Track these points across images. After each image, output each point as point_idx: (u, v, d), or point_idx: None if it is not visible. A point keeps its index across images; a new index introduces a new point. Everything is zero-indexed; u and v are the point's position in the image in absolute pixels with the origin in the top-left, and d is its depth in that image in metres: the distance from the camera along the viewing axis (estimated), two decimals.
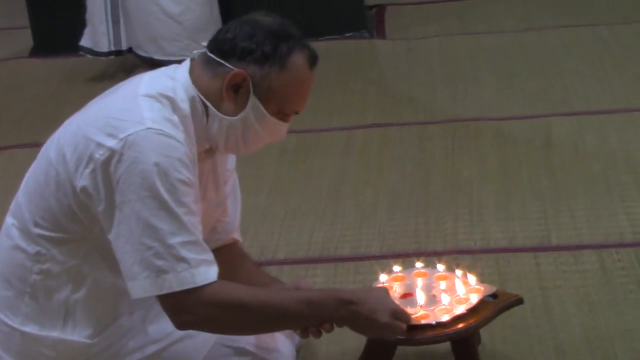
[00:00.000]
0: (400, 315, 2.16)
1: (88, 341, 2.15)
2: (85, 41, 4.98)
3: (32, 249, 2.13)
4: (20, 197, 2.18)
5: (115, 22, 4.90)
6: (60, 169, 2.06)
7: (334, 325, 2.14)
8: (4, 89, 5.09)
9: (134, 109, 2.02)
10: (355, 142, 4.08)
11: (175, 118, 2.04)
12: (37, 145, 2.20)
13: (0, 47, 5.75)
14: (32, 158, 2.20)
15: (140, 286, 1.99)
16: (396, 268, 2.45)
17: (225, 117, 2.11)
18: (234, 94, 2.09)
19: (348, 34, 5.44)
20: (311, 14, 5.32)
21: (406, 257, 2.51)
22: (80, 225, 2.08)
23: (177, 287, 1.98)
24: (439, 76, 4.82)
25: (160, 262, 1.97)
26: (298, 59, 2.09)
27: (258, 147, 2.19)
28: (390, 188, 3.64)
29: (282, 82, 2.08)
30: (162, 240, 1.96)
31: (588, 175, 3.60)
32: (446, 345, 2.42)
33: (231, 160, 2.37)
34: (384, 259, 2.96)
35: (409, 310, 2.22)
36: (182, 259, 1.97)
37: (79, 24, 5.06)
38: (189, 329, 2.08)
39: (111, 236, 2.01)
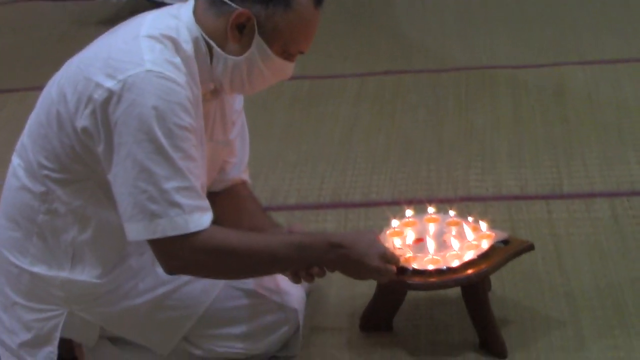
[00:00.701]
0: (389, 258, 2.16)
1: (97, 281, 2.16)
2: None
3: (38, 189, 2.13)
4: (25, 138, 2.17)
5: None
6: (61, 109, 2.05)
7: (325, 269, 2.14)
8: (13, 31, 5.08)
9: (135, 50, 2.00)
10: (368, 89, 4.06)
11: (177, 60, 2.02)
12: None
13: None
14: None
15: (135, 229, 1.99)
16: (408, 212, 2.44)
17: (230, 57, 2.09)
18: (238, 34, 2.07)
19: None
20: None
21: (418, 204, 2.50)
22: (83, 165, 2.07)
23: (169, 232, 1.98)
24: (453, 24, 4.78)
25: (153, 207, 1.96)
26: None
27: (263, 87, 2.18)
28: (403, 135, 3.62)
29: (286, 21, 2.06)
30: (157, 184, 1.96)
31: (601, 123, 3.59)
32: (456, 291, 2.43)
33: (239, 101, 2.36)
34: (395, 205, 2.96)
35: (399, 252, 2.22)
36: (175, 204, 1.97)
37: None
38: (179, 274, 2.09)
39: (110, 177, 2.01)
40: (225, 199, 2.37)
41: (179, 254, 2.01)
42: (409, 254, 2.25)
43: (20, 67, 4.54)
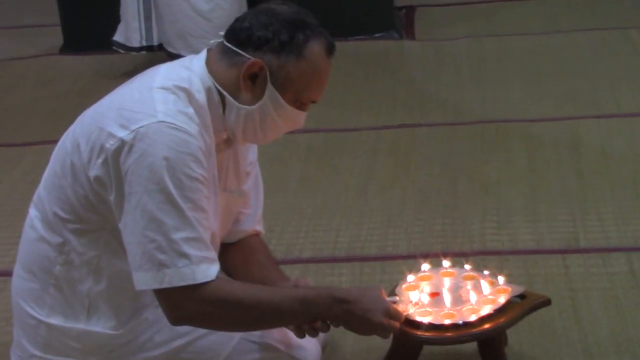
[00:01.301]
0: (393, 314, 2.16)
1: (112, 332, 2.16)
2: (118, 36, 5.01)
3: (55, 240, 2.14)
4: (41, 190, 2.19)
5: (147, 18, 4.92)
6: (75, 160, 2.08)
7: (329, 324, 2.14)
8: (34, 85, 5.12)
9: (148, 101, 2.03)
10: (384, 142, 4.07)
11: (190, 110, 2.04)
12: None
13: (31, 44, 5.78)
14: None
15: (142, 278, 2.00)
16: (424, 266, 2.44)
17: (243, 106, 2.10)
18: (251, 84, 2.09)
19: (377, 35, 5.43)
20: (341, 15, 5.32)
21: (433, 258, 2.49)
22: (97, 215, 2.09)
23: (176, 283, 1.98)
24: (468, 77, 4.80)
25: (161, 256, 1.97)
26: (315, 48, 2.09)
27: (276, 136, 2.19)
28: (418, 188, 3.63)
29: (299, 71, 2.08)
30: (166, 234, 1.97)
31: (616, 177, 3.58)
32: (473, 346, 2.41)
33: (253, 152, 2.37)
34: (411, 258, 2.95)
35: (402, 308, 2.22)
36: (183, 255, 1.98)
37: (108, 21, 5.09)
38: (184, 324, 2.08)
39: (120, 225, 2.03)
40: (236, 251, 2.38)
41: (184, 304, 2.01)
42: (412, 311, 2.25)
43: (40, 120, 4.58)
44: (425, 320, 2.24)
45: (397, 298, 2.28)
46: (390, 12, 5.52)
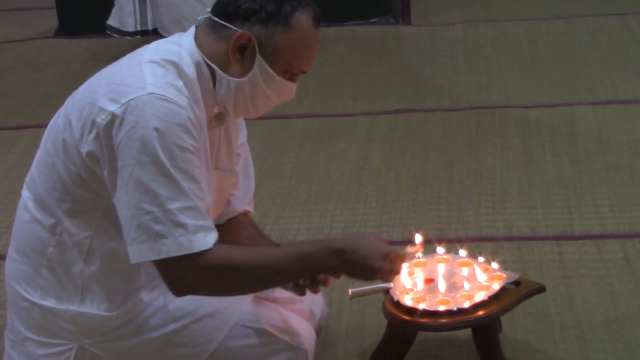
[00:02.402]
0: (393, 257, 2.17)
1: (107, 314, 2.15)
2: (112, 20, 4.99)
3: (47, 221, 2.14)
4: (33, 170, 2.19)
5: (142, 2, 4.91)
6: (67, 137, 2.08)
7: (330, 277, 2.14)
8: (29, 68, 5.11)
9: (137, 75, 2.04)
10: (379, 127, 4.06)
11: (179, 83, 2.04)
12: None
13: (26, 27, 5.76)
14: None
15: (138, 250, 1.99)
16: (419, 253, 2.43)
17: (233, 79, 2.11)
18: (240, 56, 2.09)
19: (373, 20, 5.42)
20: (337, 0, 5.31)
21: (428, 244, 2.49)
22: (90, 193, 2.09)
23: (174, 253, 1.98)
24: (464, 63, 4.80)
25: (158, 227, 1.97)
26: (302, 18, 2.09)
27: (267, 108, 2.20)
28: (413, 174, 3.62)
29: (287, 41, 2.09)
30: (161, 205, 1.97)
31: (612, 164, 3.58)
32: (467, 332, 2.42)
33: (242, 134, 2.38)
34: (405, 244, 2.95)
35: (402, 252, 2.23)
36: (180, 224, 1.98)
37: (103, 5, 5.08)
38: (186, 294, 2.08)
39: (114, 200, 2.02)
40: (225, 230, 2.37)
41: (184, 274, 2.01)
42: (407, 254, 2.26)
43: (36, 104, 4.57)
44: (420, 306, 2.25)
45: (391, 285, 2.28)
46: None
